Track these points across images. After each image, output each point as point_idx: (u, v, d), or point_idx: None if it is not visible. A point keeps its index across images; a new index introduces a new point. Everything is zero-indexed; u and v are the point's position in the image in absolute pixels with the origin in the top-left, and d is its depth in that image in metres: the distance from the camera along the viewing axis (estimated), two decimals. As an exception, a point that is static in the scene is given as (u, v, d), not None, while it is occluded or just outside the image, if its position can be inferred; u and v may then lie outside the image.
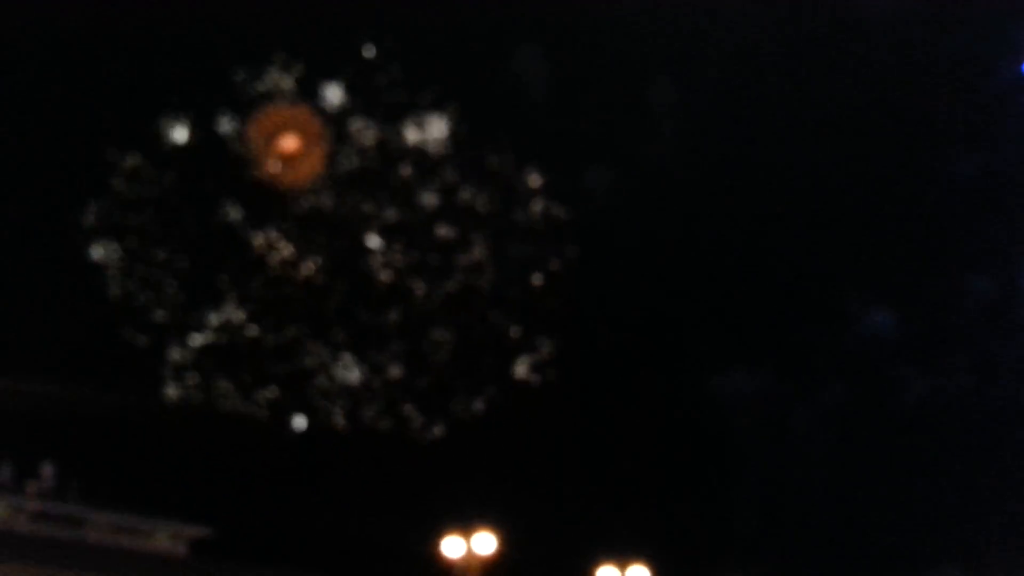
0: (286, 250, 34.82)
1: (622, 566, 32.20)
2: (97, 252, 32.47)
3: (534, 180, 38.34)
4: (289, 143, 33.62)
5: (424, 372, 36.59)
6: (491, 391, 39.93)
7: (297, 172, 34.62)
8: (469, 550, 30.33)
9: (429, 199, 37.65)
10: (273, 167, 33.94)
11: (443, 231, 39.15)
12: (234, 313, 34.91)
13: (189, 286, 33.32)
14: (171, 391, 33.16)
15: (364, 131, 36.53)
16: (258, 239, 34.23)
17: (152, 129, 33.40)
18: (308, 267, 34.98)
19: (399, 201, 37.72)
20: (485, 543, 30.30)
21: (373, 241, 36.28)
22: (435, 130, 37.36)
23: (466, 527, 30.38)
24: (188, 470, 36.72)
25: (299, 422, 35.81)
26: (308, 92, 35.63)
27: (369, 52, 35.84)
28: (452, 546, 30.35)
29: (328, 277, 36.93)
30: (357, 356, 36.06)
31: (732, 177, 51.23)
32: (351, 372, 35.52)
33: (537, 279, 44.87)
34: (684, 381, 52.02)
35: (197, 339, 33.13)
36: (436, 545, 29.63)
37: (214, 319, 34.70)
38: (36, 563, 30.29)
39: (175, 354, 33.93)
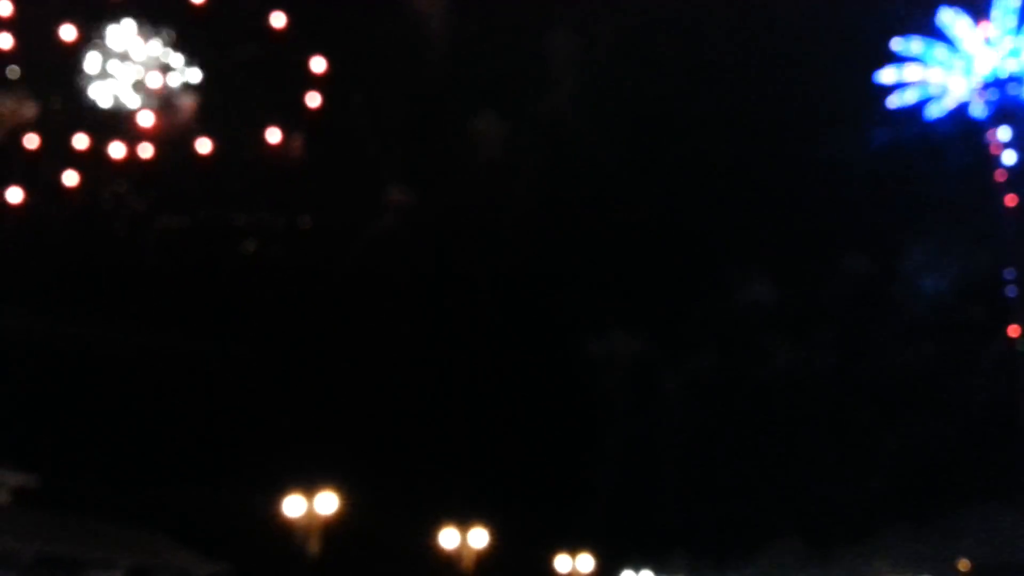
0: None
1: (464, 528, 32.52)
2: None
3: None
4: None
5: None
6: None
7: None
8: (311, 510, 29.94)
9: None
10: None
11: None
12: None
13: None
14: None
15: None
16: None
17: None
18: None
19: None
20: (327, 503, 29.94)
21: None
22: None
23: (309, 488, 29.95)
24: (13, 414, 34.94)
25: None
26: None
27: None
28: (293, 505, 29.90)
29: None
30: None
31: (623, 140, 51.72)
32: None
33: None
34: (559, 343, 52.53)
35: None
36: (276, 506, 29.11)
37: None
38: None
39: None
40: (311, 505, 29.57)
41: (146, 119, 44.44)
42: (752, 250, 54.63)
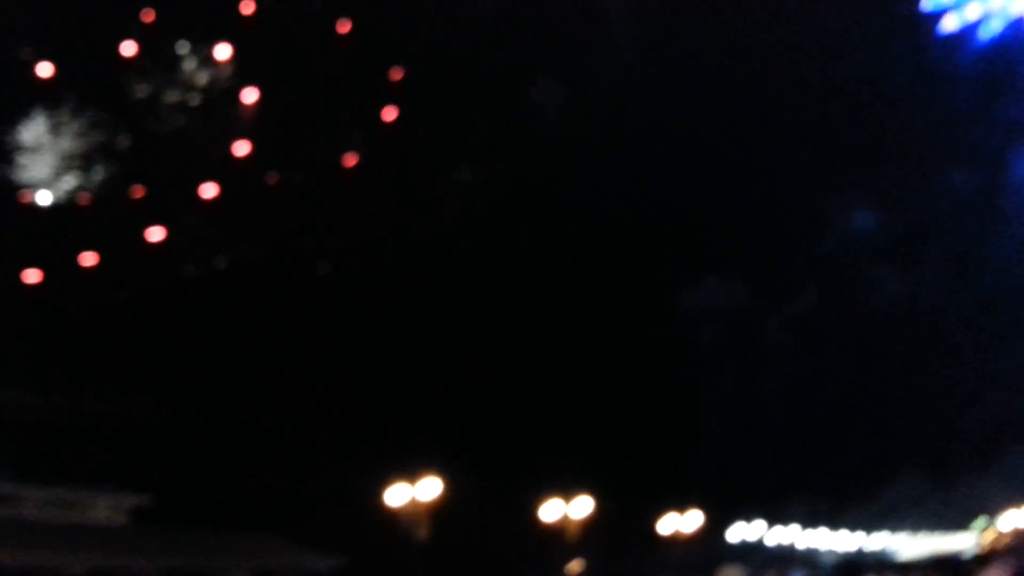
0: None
1: (567, 498, 32.63)
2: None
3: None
4: None
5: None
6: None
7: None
8: (414, 497, 30.42)
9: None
10: None
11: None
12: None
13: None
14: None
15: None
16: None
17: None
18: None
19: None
20: (429, 489, 30.38)
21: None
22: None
23: (411, 475, 30.41)
24: (123, 439, 36.15)
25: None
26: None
27: None
28: (397, 494, 30.41)
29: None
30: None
31: (705, 78, 49.46)
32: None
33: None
34: (651, 297, 49.81)
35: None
36: (381, 496, 29.64)
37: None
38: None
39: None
40: (414, 492, 30.05)
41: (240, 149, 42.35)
42: (848, 175, 51.57)
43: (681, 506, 33.75)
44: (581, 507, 30.82)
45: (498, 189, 48.76)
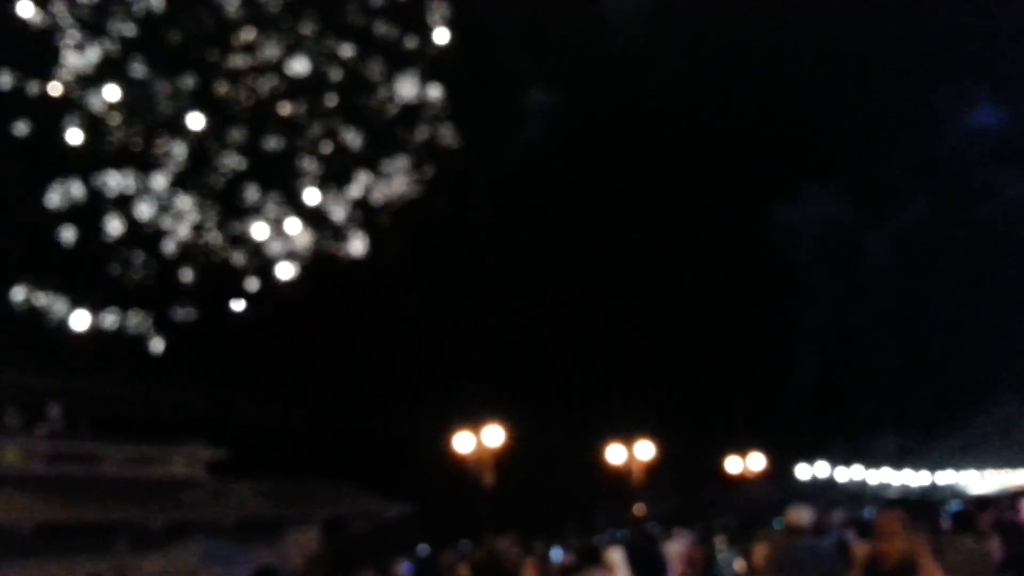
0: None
1: (629, 443, 32.61)
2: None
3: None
4: None
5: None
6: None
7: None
8: (480, 443, 30.65)
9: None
10: None
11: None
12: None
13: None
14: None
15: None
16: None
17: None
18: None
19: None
20: (494, 436, 30.58)
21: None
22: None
23: (476, 423, 30.65)
24: (197, 396, 36.93)
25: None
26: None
27: None
28: (463, 442, 30.66)
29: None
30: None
31: None
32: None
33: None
34: (751, 210, 46.25)
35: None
36: (447, 442, 29.95)
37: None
38: (58, 499, 30.78)
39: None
40: (480, 439, 30.23)
41: None
42: (967, 64, 45.50)
43: (743, 448, 33.43)
44: (644, 450, 30.78)
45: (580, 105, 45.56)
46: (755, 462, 32.95)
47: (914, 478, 56.31)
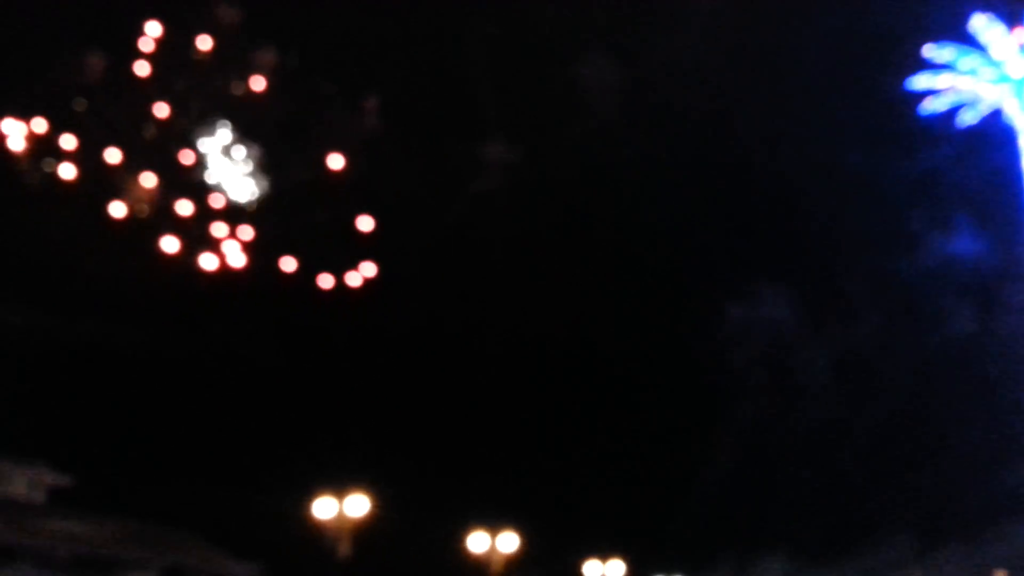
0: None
1: (494, 532, 32.46)
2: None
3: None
4: None
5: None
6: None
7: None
8: (341, 512, 30.05)
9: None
10: None
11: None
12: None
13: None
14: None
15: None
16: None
17: None
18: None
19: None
20: (357, 505, 30.03)
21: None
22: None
23: (339, 489, 30.06)
24: (52, 414, 35.27)
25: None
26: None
27: None
28: (324, 507, 30.00)
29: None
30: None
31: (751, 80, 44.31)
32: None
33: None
34: (695, 308, 43.92)
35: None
36: (307, 507, 29.25)
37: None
38: None
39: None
40: (341, 507, 29.69)
41: None
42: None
43: (605, 553, 33.58)
44: (508, 542, 30.65)
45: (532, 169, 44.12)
46: (613, 570, 33.10)
47: None
